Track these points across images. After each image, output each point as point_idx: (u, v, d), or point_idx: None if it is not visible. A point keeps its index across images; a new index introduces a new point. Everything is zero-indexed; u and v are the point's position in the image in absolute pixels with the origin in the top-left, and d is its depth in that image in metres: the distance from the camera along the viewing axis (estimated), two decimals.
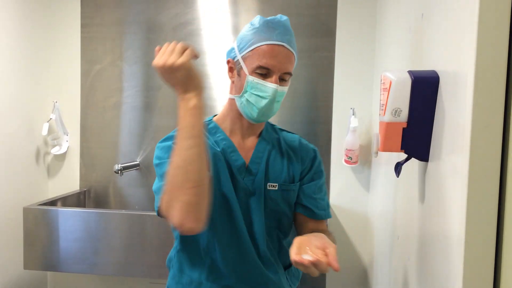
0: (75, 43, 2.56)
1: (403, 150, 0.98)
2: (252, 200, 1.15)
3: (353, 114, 2.29)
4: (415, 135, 0.97)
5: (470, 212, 0.73)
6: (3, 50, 2.22)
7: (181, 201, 0.92)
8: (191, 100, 0.93)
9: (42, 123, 2.51)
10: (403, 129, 0.96)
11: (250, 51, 1.09)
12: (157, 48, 0.95)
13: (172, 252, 1.27)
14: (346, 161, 2.32)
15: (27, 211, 2.13)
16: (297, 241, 0.91)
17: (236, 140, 1.18)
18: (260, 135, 1.21)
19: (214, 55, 2.46)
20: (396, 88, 0.95)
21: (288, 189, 1.17)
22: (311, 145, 1.26)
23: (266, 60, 1.07)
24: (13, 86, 2.30)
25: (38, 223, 2.12)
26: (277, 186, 1.16)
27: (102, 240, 2.08)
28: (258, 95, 1.09)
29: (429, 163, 0.99)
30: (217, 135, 1.18)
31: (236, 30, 2.45)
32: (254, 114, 1.11)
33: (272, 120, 1.30)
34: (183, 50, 0.93)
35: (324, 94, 2.40)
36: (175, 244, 1.24)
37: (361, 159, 2.36)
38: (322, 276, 1.98)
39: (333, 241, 1.04)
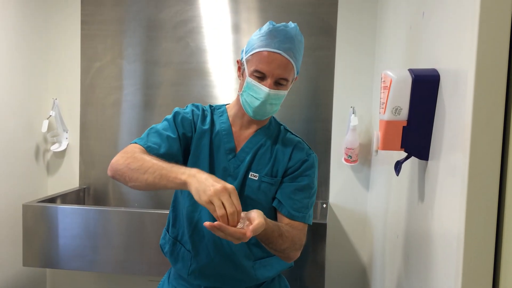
0: (75, 40, 2.56)
1: (403, 149, 0.98)
2: (231, 183, 1.22)
3: (353, 113, 2.28)
4: (415, 133, 0.96)
5: (470, 211, 0.73)
6: (3, 47, 2.22)
7: (125, 172, 1.12)
8: (183, 179, 1.02)
9: (41, 120, 2.51)
10: (403, 127, 0.96)
11: (251, 55, 1.20)
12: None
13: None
14: (346, 160, 2.32)
15: (26, 208, 2.13)
16: None
17: (235, 129, 1.30)
18: (259, 128, 1.30)
19: (215, 53, 2.46)
20: (397, 86, 0.94)
21: (267, 181, 1.26)
22: (311, 151, 1.31)
23: (262, 66, 1.17)
24: (13, 83, 2.30)
25: (37, 220, 2.12)
26: (257, 177, 1.25)
27: (101, 237, 2.08)
28: (253, 96, 1.20)
29: (429, 161, 0.99)
30: (221, 119, 1.31)
31: (236, 28, 2.44)
32: (250, 112, 1.23)
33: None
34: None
35: (324, 93, 2.40)
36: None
37: (361, 158, 2.36)
38: (321, 274, 1.99)
39: (292, 238, 1.16)
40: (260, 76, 1.18)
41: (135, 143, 1.22)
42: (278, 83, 1.19)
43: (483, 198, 0.73)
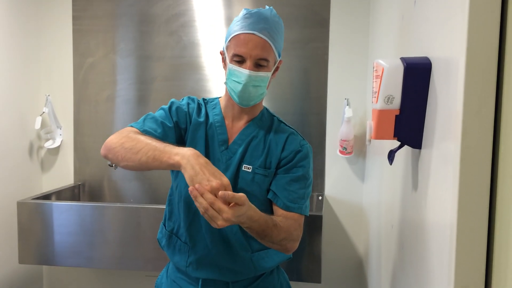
0: (67, 36, 2.54)
1: (396, 138, 0.98)
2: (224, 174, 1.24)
3: (347, 105, 2.28)
4: (408, 122, 0.96)
5: (462, 199, 0.73)
6: None
7: (118, 151, 1.14)
8: (176, 160, 1.03)
9: (34, 116, 2.49)
10: (396, 116, 0.95)
11: (229, 41, 1.22)
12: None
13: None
14: (340, 152, 2.32)
15: (21, 206, 2.12)
16: None
17: (228, 121, 1.30)
18: (252, 120, 1.30)
19: (208, 46, 2.45)
20: (389, 75, 0.94)
21: (261, 173, 1.25)
22: (304, 142, 1.30)
23: (239, 48, 1.18)
24: (5, 80, 2.28)
25: (32, 217, 2.11)
26: (251, 169, 1.25)
27: (97, 233, 2.07)
28: (235, 81, 1.21)
29: (422, 150, 0.99)
30: (214, 111, 1.31)
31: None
32: (236, 98, 1.23)
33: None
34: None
35: (318, 85, 2.40)
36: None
37: (355, 149, 2.36)
38: (317, 265, 1.99)
39: (288, 228, 1.18)
40: (239, 60, 1.19)
41: (131, 126, 1.23)
42: (258, 65, 1.19)
43: (475, 186, 0.73)
